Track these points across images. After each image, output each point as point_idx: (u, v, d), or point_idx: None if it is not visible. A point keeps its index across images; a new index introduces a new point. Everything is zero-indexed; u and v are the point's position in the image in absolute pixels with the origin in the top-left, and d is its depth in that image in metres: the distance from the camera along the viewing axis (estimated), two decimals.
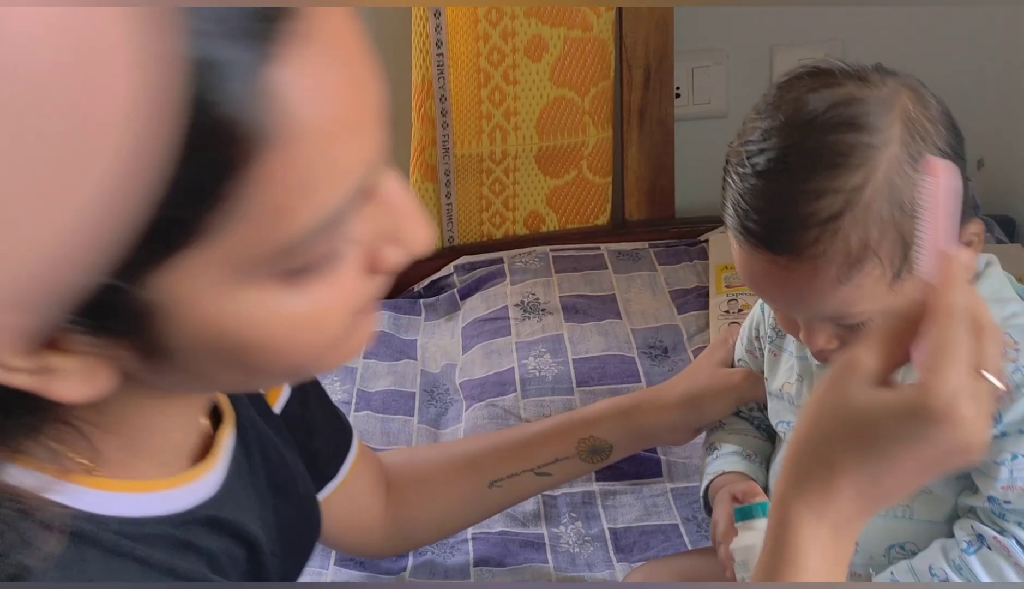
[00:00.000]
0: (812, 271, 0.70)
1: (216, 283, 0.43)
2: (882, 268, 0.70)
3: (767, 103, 0.73)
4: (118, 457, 0.52)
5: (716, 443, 0.96)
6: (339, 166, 0.43)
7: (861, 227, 0.69)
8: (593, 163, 1.65)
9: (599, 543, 1.15)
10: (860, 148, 0.68)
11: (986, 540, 0.74)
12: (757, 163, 0.70)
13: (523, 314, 1.50)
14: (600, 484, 1.23)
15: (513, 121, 1.59)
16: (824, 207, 0.68)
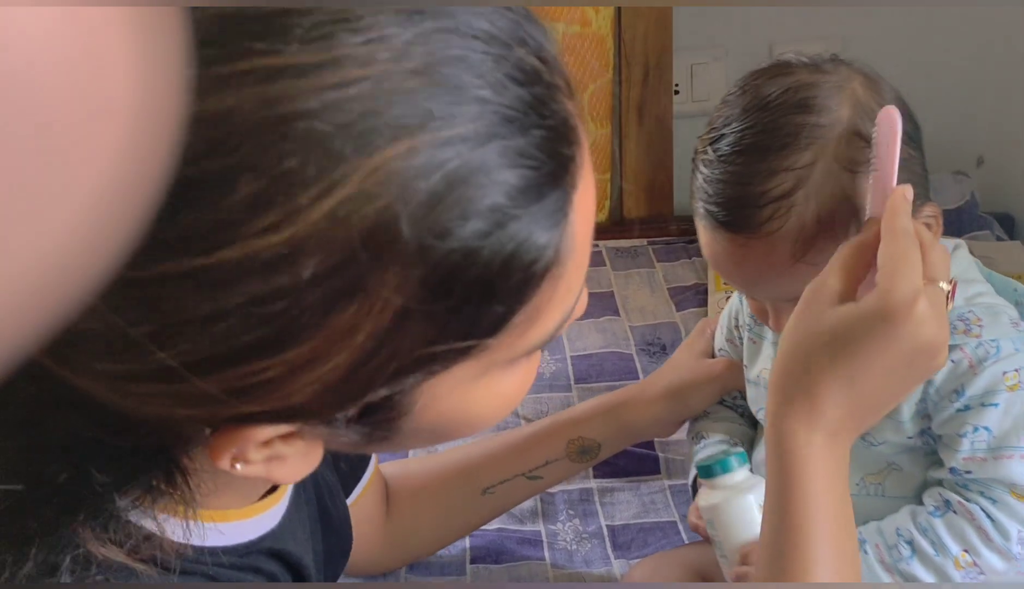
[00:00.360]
0: (768, 249, 0.73)
1: (467, 381, 0.45)
2: (836, 244, 0.72)
3: (727, 96, 0.77)
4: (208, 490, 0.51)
5: (703, 432, 0.98)
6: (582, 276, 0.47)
7: (813, 204, 0.72)
8: (592, 159, 1.64)
9: (597, 540, 1.15)
10: (809, 128, 0.72)
11: (952, 505, 0.77)
12: (718, 148, 0.74)
13: None
14: (598, 481, 1.22)
15: None
16: (776, 185, 0.72)
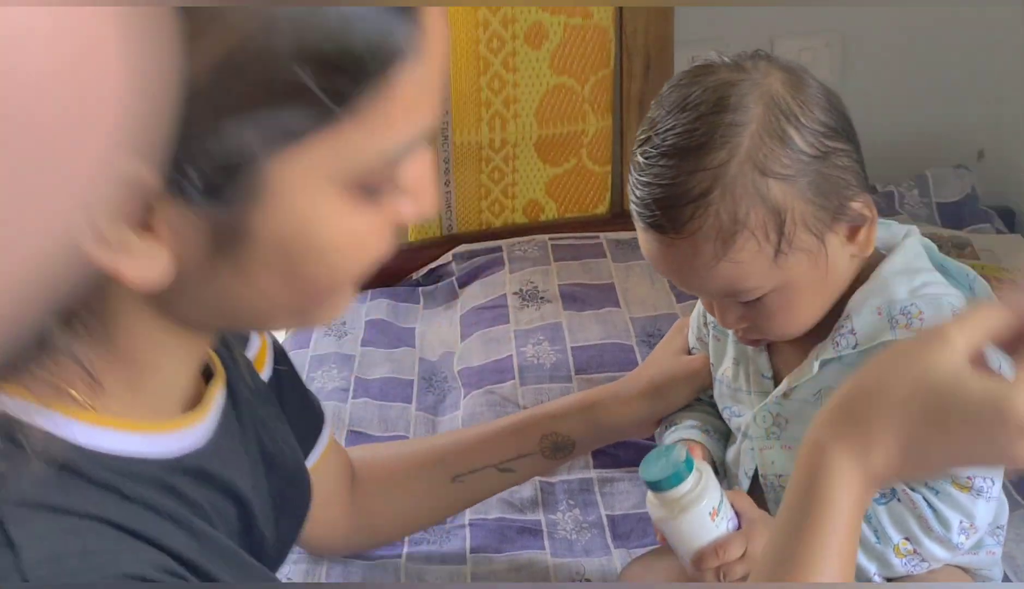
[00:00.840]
0: (692, 248, 0.75)
1: (318, 180, 0.49)
2: (757, 242, 0.74)
3: (655, 101, 0.79)
4: (115, 393, 0.53)
5: (675, 420, 0.98)
6: (433, 99, 0.50)
7: (729, 201, 0.73)
8: (593, 152, 1.65)
9: (597, 529, 1.15)
10: (724, 127, 0.73)
11: (896, 493, 0.78)
12: (646, 151, 0.76)
13: (522, 302, 1.50)
14: (598, 471, 1.23)
15: (513, 109, 1.58)
16: (695, 184, 0.73)
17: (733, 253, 0.74)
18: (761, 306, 0.78)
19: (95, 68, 0.23)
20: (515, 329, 1.44)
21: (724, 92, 0.74)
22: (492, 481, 1.00)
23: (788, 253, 0.75)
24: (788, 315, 0.79)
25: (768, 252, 0.74)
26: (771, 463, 0.86)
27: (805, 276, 0.76)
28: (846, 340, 0.79)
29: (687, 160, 0.74)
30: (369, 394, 1.37)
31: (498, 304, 1.50)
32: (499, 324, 1.46)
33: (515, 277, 1.55)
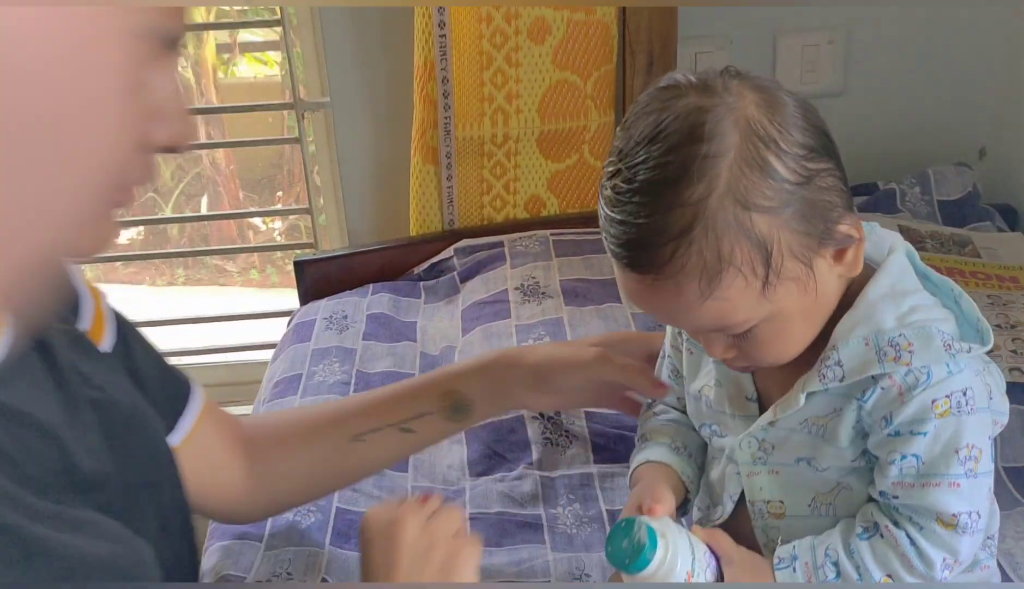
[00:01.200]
0: (676, 288, 0.71)
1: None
2: (744, 278, 0.70)
3: (621, 127, 0.74)
4: None
5: (647, 436, 0.95)
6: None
7: (712, 238, 0.69)
8: (595, 147, 1.65)
9: (597, 524, 1.15)
10: (699, 159, 0.69)
11: (879, 528, 0.77)
12: (614, 184, 0.72)
13: (523, 297, 1.50)
14: (598, 466, 1.23)
15: (515, 104, 1.58)
16: (673, 221, 0.69)
17: (719, 291, 0.71)
18: (751, 337, 0.75)
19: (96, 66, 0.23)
20: (516, 324, 1.44)
21: (697, 119, 0.70)
22: (393, 441, 0.97)
23: (776, 284, 0.71)
24: (779, 344, 0.76)
25: (756, 286, 0.71)
26: (759, 489, 0.84)
27: (794, 304, 0.74)
28: (832, 372, 0.76)
29: (663, 196, 0.70)
30: (370, 388, 1.37)
31: (499, 299, 1.50)
32: (500, 319, 1.46)
33: (516, 272, 1.55)
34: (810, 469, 0.80)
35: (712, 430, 0.88)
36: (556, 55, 1.56)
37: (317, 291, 1.64)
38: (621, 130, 0.74)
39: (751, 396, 0.84)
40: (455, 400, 0.99)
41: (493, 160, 1.63)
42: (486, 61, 1.55)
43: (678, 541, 0.78)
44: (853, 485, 0.80)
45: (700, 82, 0.72)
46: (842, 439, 0.77)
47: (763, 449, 0.83)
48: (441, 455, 1.28)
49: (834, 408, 0.77)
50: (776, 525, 0.84)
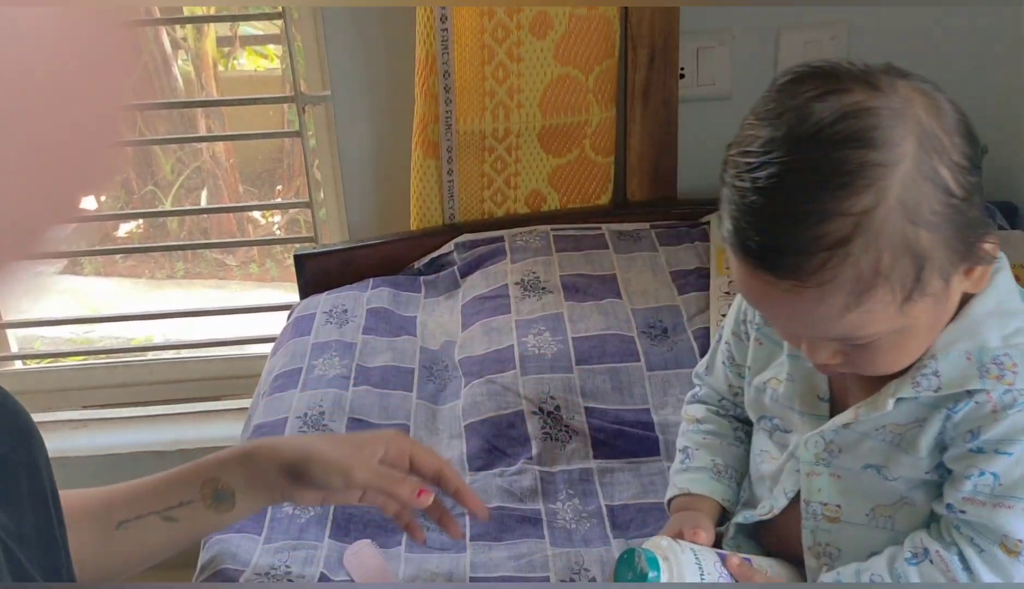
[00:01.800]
0: (818, 297, 0.67)
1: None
2: (892, 292, 0.67)
3: (767, 108, 0.68)
4: None
5: (690, 447, 0.93)
6: None
7: (872, 252, 0.65)
8: (596, 142, 1.64)
9: (596, 519, 1.15)
10: (870, 167, 0.64)
11: (929, 554, 0.75)
12: (758, 179, 0.66)
13: (523, 292, 1.49)
14: (597, 462, 1.23)
15: (516, 98, 1.58)
16: (831, 231, 0.65)
17: (867, 305, 0.66)
18: (869, 348, 0.71)
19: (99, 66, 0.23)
20: (516, 319, 1.44)
21: (866, 121, 0.65)
22: (156, 530, 0.93)
23: (918, 300, 0.68)
24: (894, 355, 0.73)
25: (898, 300, 0.67)
26: (818, 490, 0.82)
27: (925, 319, 0.70)
28: (928, 381, 0.73)
29: (820, 201, 0.64)
30: (370, 382, 1.37)
31: (499, 294, 1.50)
32: (500, 314, 1.46)
33: (517, 267, 1.55)
34: (878, 477, 0.78)
35: (773, 424, 0.86)
36: (558, 50, 1.56)
37: (317, 285, 1.64)
38: (760, 115, 0.68)
39: (823, 396, 0.82)
40: (216, 489, 0.94)
41: (494, 155, 1.63)
42: (488, 55, 1.54)
43: (681, 560, 0.78)
44: (917, 500, 0.78)
45: (864, 77, 0.67)
46: (922, 449, 0.75)
47: (828, 450, 0.80)
48: (440, 449, 1.28)
49: (917, 417, 0.75)
50: (828, 529, 0.81)
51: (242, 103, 2.09)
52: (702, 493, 0.89)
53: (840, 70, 0.68)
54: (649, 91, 1.63)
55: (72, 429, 1.85)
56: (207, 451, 1.80)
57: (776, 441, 0.86)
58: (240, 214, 3.13)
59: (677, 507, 0.90)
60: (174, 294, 3.09)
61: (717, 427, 0.94)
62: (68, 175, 0.27)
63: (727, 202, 0.69)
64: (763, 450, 0.88)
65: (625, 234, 1.61)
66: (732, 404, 0.95)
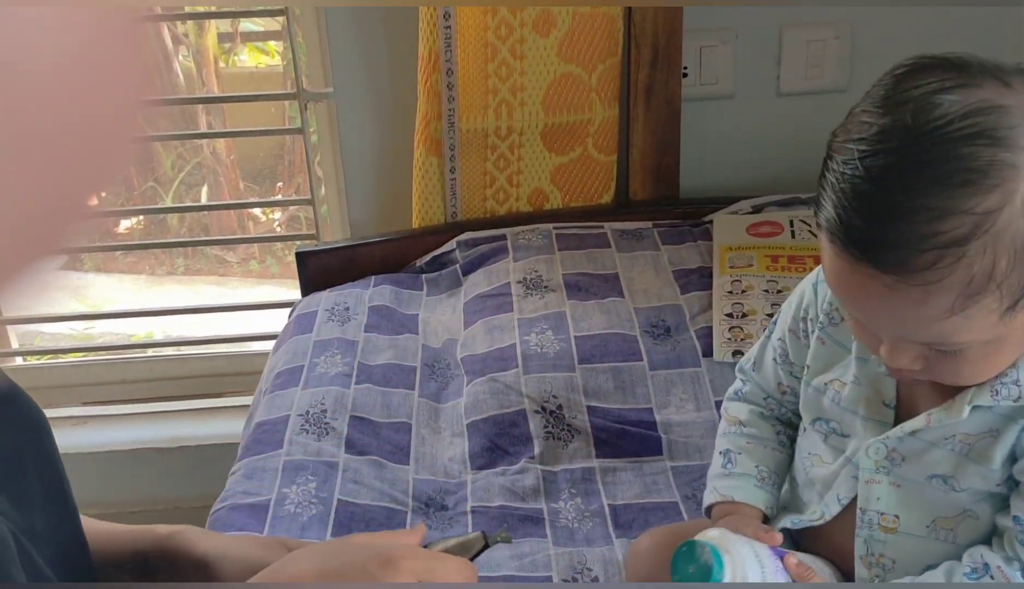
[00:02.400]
0: (921, 297, 0.64)
1: None
2: (999, 300, 0.64)
3: (884, 95, 0.65)
4: None
5: (732, 451, 0.90)
6: None
7: (989, 256, 0.62)
8: (599, 141, 1.64)
9: (598, 519, 1.15)
10: (999, 167, 0.61)
11: (990, 569, 0.74)
12: (872, 167, 0.63)
13: (525, 291, 1.49)
14: (600, 461, 1.23)
15: (519, 96, 1.57)
16: (948, 229, 0.61)
17: (972, 310, 0.64)
18: (957, 356, 0.69)
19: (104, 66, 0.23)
20: (519, 317, 1.44)
21: (996, 120, 0.62)
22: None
23: (1020, 311, 0.65)
24: (981, 366, 0.70)
25: (1001, 310, 0.65)
26: (876, 499, 0.79)
27: (1019, 332, 0.68)
28: (1008, 390, 0.71)
29: (941, 197, 0.61)
30: (372, 380, 1.37)
31: (502, 292, 1.50)
32: (503, 312, 1.46)
33: (519, 265, 1.54)
34: (944, 487, 0.76)
35: (830, 428, 0.83)
36: (561, 48, 1.55)
37: (319, 282, 1.63)
38: (877, 100, 0.65)
39: (890, 402, 0.79)
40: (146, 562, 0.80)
41: (497, 153, 1.62)
42: (491, 53, 1.54)
43: (743, 552, 0.76)
44: (981, 513, 0.76)
45: (995, 73, 0.64)
46: (995, 460, 0.73)
47: (890, 458, 0.78)
48: (442, 448, 1.28)
49: (991, 428, 0.73)
50: (883, 539, 0.79)
51: (244, 100, 2.08)
52: (746, 501, 0.87)
53: (971, 63, 0.65)
54: (652, 90, 1.63)
55: (72, 425, 1.85)
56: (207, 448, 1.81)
57: (831, 445, 0.83)
58: (240, 211, 3.12)
59: (719, 514, 0.88)
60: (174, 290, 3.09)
61: (759, 431, 0.91)
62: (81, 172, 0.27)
63: (831, 189, 0.66)
64: (813, 453, 0.85)
65: (627, 233, 1.61)
66: (778, 403, 0.92)
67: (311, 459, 1.22)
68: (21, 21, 0.21)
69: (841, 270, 0.67)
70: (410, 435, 1.29)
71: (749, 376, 0.94)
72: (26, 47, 0.21)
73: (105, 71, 0.24)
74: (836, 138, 0.67)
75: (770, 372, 0.91)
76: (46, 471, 0.67)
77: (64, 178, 0.26)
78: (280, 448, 1.25)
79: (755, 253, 1.52)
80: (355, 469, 1.21)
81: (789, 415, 0.93)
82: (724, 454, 0.92)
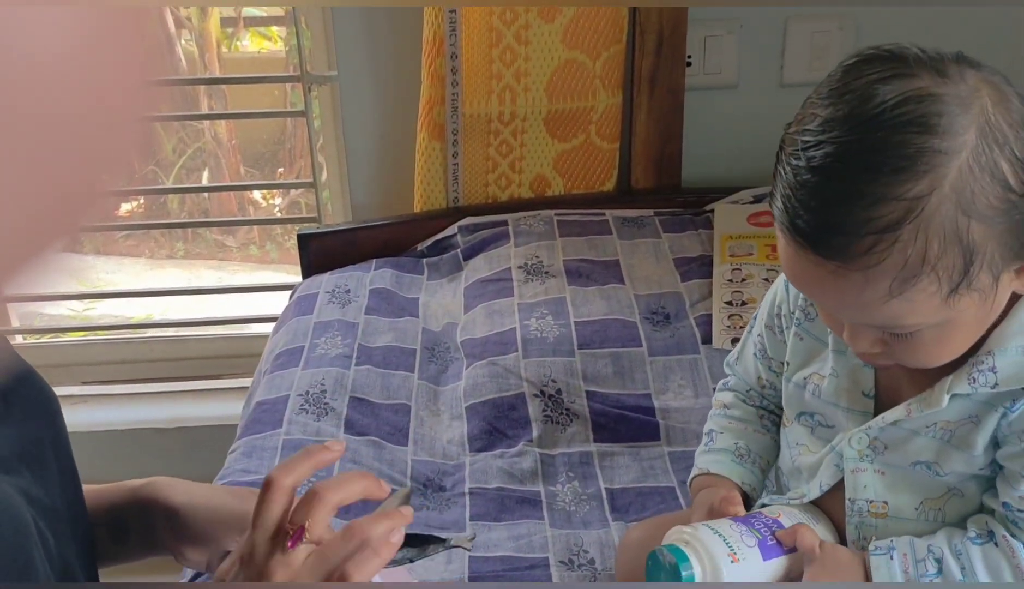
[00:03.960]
0: (862, 281, 0.66)
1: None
2: (938, 283, 0.66)
3: (830, 88, 0.67)
4: None
5: (715, 431, 0.93)
6: None
7: (921, 239, 0.64)
8: (601, 128, 1.64)
9: (595, 502, 1.15)
10: (928, 153, 0.63)
11: (995, 537, 0.75)
12: (813, 157, 0.65)
13: (526, 276, 1.50)
14: (598, 445, 1.23)
15: (523, 82, 1.58)
16: (882, 214, 0.64)
17: (910, 293, 0.66)
18: (911, 339, 0.70)
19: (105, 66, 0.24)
20: (519, 302, 1.44)
21: (929, 108, 0.64)
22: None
23: (964, 294, 0.67)
24: (937, 349, 0.72)
25: (943, 292, 0.66)
26: (863, 487, 0.81)
27: (969, 315, 0.69)
28: (985, 378, 0.72)
29: (876, 183, 0.64)
30: (372, 362, 1.37)
31: (502, 277, 1.50)
32: (503, 297, 1.46)
33: (520, 251, 1.55)
34: (928, 473, 0.77)
35: (815, 421, 0.85)
36: (566, 34, 1.56)
37: (320, 265, 1.64)
38: (824, 94, 0.67)
39: (868, 392, 0.81)
40: (114, 517, 0.79)
41: (499, 138, 1.63)
42: (495, 38, 1.54)
43: (703, 538, 0.77)
44: (967, 491, 0.77)
45: (932, 63, 0.66)
46: (977, 446, 0.74)
47: (872, 447, 0.80)
48: (441, 430, 1.28)
49: (971, 415, 0.75)
50: (874, 524, 0.81)
51: (248, 82, 2.08)
52: (721, 473, 0.89)
53: (908, 55, 0.67)
54: (656, 78, 1.63)
55: (72, 405, 1.86)
56: (206, 429, 1.82)
57: (819, 437, 0.85)
58: (241, 195, 3.12)
59: (697, 487, 0.90)
60: (174, 274, 3.09)
61: (743, 413, 0.93)
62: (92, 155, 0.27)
63: (780, 180, 0.68)
64: (800, 444, 0.87)
65: (629, 220, 1.61)
66: (760, 396, 0.94)
67: (310, 438, 1.22)
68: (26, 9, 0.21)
69: (791, 259, 0.70)
70: (409, 417, 1.30)
71: (734, 369, 0.97)
72: (32, 34, 0.21)
73: (111, 54, 0.24)
74: (788, 130, 0.69)
75: (751, 366, 0.93)
76: (60, 450, 0.67)
77: (75, 162, 0.26)
78: (279, 427, 1.25)
79: (755, 242, 1.52)
80: (353, 449, 1.22)
81: (772, 406, 0.94)
82: (708, 433, 0.94)
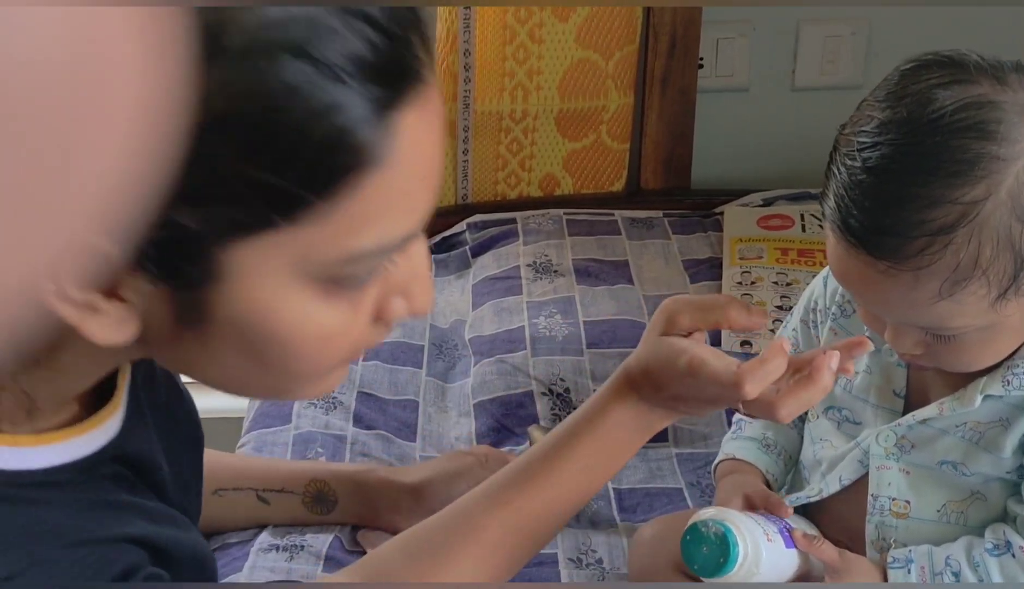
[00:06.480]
0: (912, 282, 0.67)
1: (278, 271, 0.48)
2: (988, 287, 0.67)
3: (888, 91, 0.69)
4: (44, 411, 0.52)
5: (743, 420, 0.93)
6: (410, 205, 0.50)
7: (974, 244, 0.65)
8: (612, 128, 1.64)
9: (603, 502, 1.15)
10: (986, 159, 0.64)
11: (1012, 548, 0.75)
12: (869, 158, 0.66)
13: (535, 274, 1.50)
14: None
15: (536, 80, 1.58)
16: (937, 217, 0.65)
17: (959, 295, 0.67)
18: (954, 341, 0.71)
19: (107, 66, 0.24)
20: (528, 300, 1.44)
21: (988, 114, 0.65)
22: (247, 505, 0.98)
23: (1012, 299, 0.68)
24: (978, 353, 0.73)
25: (991, 297, 0.67)
26: (887, 484, 0.81)
27: (1014, 319, 0.70)
28: (1020, 380, 0.73)
29: (931, 186, 0.65)
30: (379, 357, 1.37)
31: (511, 275, 1.50)
32: (512, 295, 1.46)
33: (529, 249, 1.55)
34: (954, 473, 0.78)
35: (843, 415, 0.85)
36: (579, 33, 1.55)
37: None
38: (880, 96, 0.69)
39: (899, 391, 0.81)
40: (320, 490, 1.00)
41: (510, 136, 1.63)
42: (509, 35, 1.54)
43: (746, 523, 0.76)
44: (990, 495, 0.77)
45: (992, 70, 0.67)
46: (1006, 449, 0.75)
47: (899, 445, 0.80)
48: (449, 427, 1.28)
49: (1002, 417, 0.75)
50: (894, 524, 0.81)
51: None
52: (748, 460, 0.89)
53: (968, 61, 0.68)
54: (668, 79, 1.63)
55: None
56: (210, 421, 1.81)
57: (844, 432, 0.85)
58: None
59: (723, 472, 0.91)
60: None
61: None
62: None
63: (833, 180, 0.69)
64: (824, 438, 0.87)
65: (638, 221, 1.61)
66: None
67: (319, 431, 1.22)
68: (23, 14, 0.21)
69: (840, 257, 0.71)
70: (417, 413, 1.29)
71: None
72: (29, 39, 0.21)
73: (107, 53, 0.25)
74: (842, 131, 0.71)
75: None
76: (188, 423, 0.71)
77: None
78: (289, 422, 1.25)
79: (765, 245, 1.52)
80: (363, 442, 1.21)
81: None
82: (736, 423, 0.95)
